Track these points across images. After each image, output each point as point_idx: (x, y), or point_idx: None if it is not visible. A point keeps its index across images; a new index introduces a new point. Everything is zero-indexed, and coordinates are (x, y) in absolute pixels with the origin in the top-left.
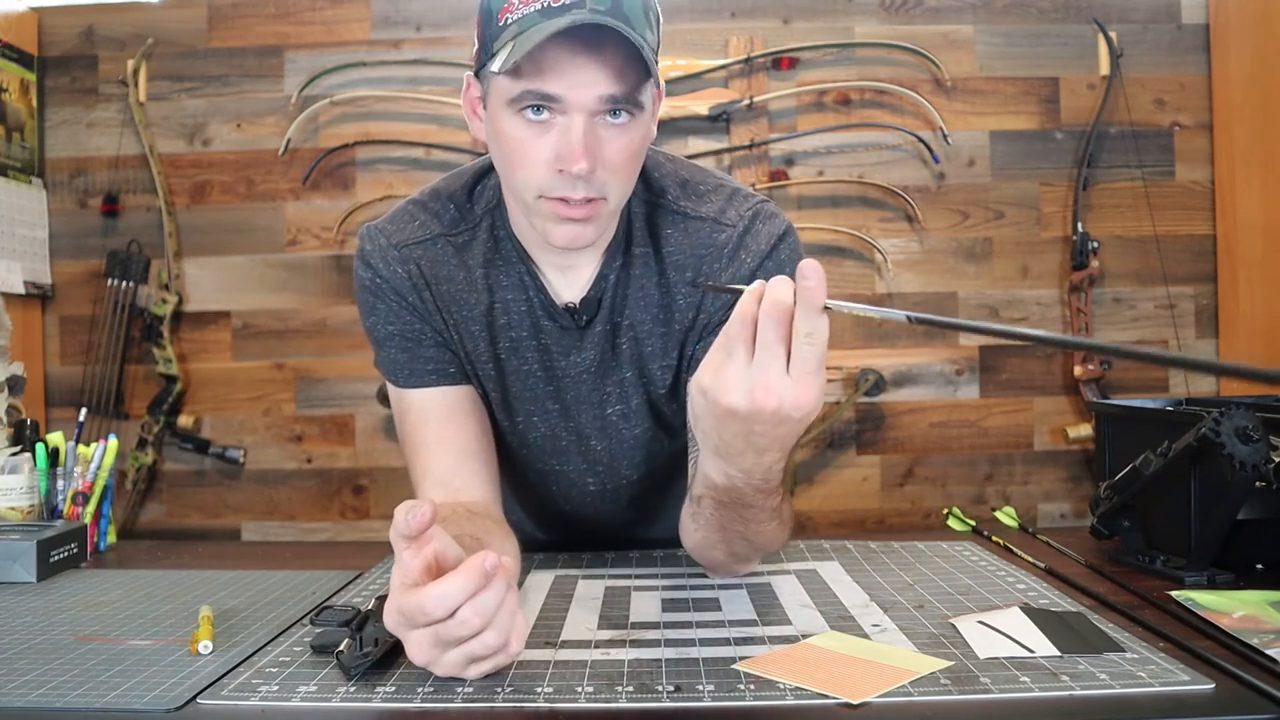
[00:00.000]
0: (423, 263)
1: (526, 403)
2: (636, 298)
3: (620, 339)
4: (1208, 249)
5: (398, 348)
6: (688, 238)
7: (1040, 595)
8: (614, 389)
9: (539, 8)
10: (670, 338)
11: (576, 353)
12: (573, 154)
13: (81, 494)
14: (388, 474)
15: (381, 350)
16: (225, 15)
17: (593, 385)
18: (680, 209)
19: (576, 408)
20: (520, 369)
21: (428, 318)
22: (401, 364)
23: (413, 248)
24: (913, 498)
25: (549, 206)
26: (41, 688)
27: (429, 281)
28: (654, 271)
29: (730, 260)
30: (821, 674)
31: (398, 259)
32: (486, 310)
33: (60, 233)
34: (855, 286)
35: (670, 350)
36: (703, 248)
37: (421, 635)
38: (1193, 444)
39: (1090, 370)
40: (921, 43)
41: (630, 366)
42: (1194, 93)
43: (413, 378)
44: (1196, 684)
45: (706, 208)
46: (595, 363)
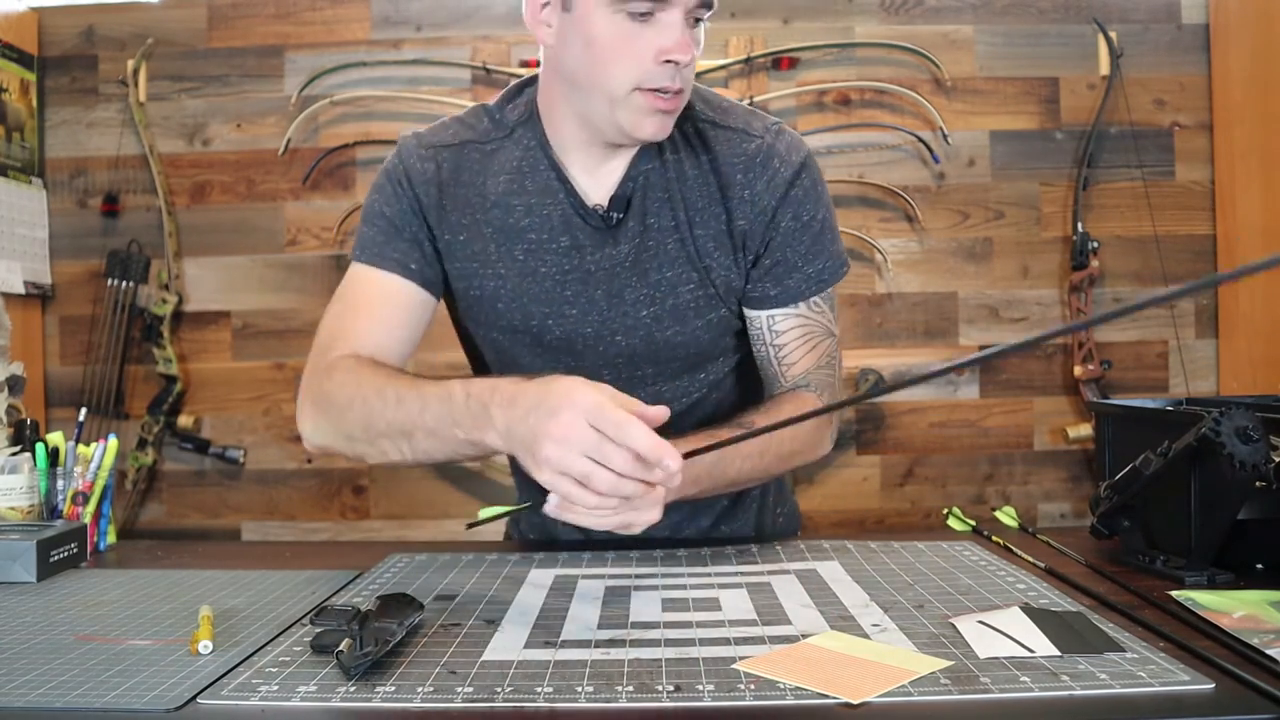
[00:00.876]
0: (445, 165)
1: (543, 304)
2: (681, 198)
3: (658, 239)
4: (1208, 249)
5: (380, 230)
6: (725, 145)
7: (1040, 595)
8: (648, 290)
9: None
10: (723, 239)
11: (611, 246)
12: (681, 45)
13: (81, 494)
14: (388, 474)
15: (365, 227)
16: (225, 15)
17: (625, 282)
18: (709, 118)
19: (606, 303)
20: (539, 270)
21: (424, 215)
22: (373, 244)
23: (440, 149)
24: (913, 498)
25: (644, 99)
26: (41, 688)
27: (444, 184)
28: (706, 172)
29: (764, 168)
30: (821, 674)
31: (423, 155)
32: (505, 213)
33: (60, 233)
34: (855, 287)
35: (725, 251)
36: (735, 156)
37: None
38: (1193, 444)
39: (1090, 370)
40: (921, 43)
41: (671, 267)
42: (1194, 93)
43: (375, 258)
44: (1196, 684)
45: (732, 120)
46: (630, 259)
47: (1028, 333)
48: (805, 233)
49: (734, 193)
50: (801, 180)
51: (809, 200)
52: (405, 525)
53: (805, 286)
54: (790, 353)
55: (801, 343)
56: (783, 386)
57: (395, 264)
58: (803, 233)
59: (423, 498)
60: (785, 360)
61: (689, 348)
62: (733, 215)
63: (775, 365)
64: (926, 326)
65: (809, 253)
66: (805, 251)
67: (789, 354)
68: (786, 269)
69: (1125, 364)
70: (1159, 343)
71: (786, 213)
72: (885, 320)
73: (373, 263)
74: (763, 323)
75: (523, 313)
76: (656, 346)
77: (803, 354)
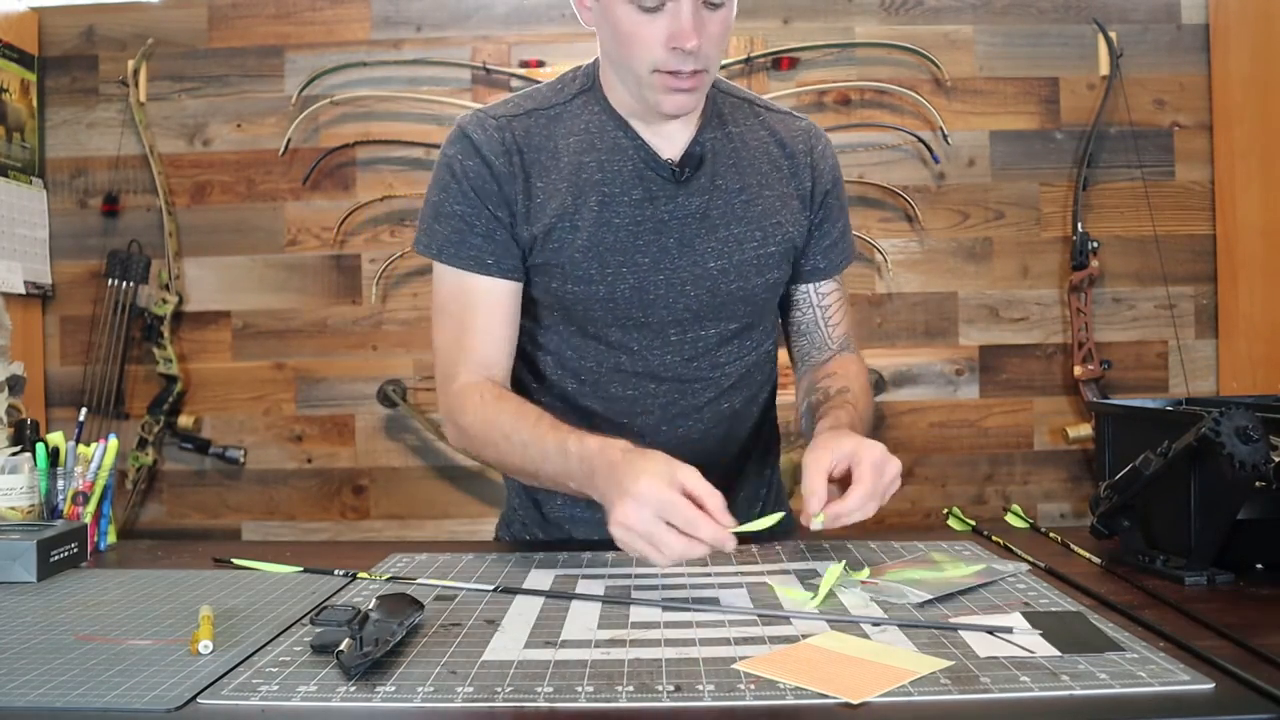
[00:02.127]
0: (517, 132)
1: (618, 254)
2: (748, 161)
3: (726, 198)
4: (1207, 249)
5: (454, 229)
6: (781, 123)
7: (1040, 595)
8: (716, 244)
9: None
10: (789, 199)
11: (684, 198)
12: (685, 34)
13: (82, 494)
14: (388, 474)
15: (436, 224)
16: (225, 15)
17: (696, 231)
18: (762, 103)
19: (678, 252)
20: (612, 221)
21: (500, 191)
22: (450, 243)
23: (507, 119)
24: (913, 498)
25: (661, 80)
26: (41, 688)
27: (521, 149)
28: (768, 143)
29: (818, 140)
30: (821, 674)
31: (495, 126)
32: (576, 170)
33: (60, 233)
34: (856, 287)
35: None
36: (790, 131)
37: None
38: (1193, 444)
39: (1090, 370)
40: (921, 43)
41: (738, 224)
42: (1194, 93)
43: (456, 259)
44: (1196, 684)
45: (777, 106)
46: (700, 212)
47: (1028, 332)
48: (842, 213)
49: (799, 159)
50: (837, 169)
51: (841, 187)
52: (405, 525)
53: (843, 260)
54: (833, 315)
55: (839, 307)
56: (829, 348)
57: (476, 263)
58: (841, 212)
59: (423, 498)
60: (830, 322)
61: (749, 304)
62: (800, 177)
63: (822, 329)
64: (926, 326)
65: (843, 228)
66: (841, 226)
67: (832, 316)
68: (833, 243)
69: (1125, 364)
70: (1159, 343)
71: (837, 188)
72: (885, 320)
73: (455, 264)
74: (810, 292)
75: (599, 262)
76: (720, 300)
77: (841, 316)
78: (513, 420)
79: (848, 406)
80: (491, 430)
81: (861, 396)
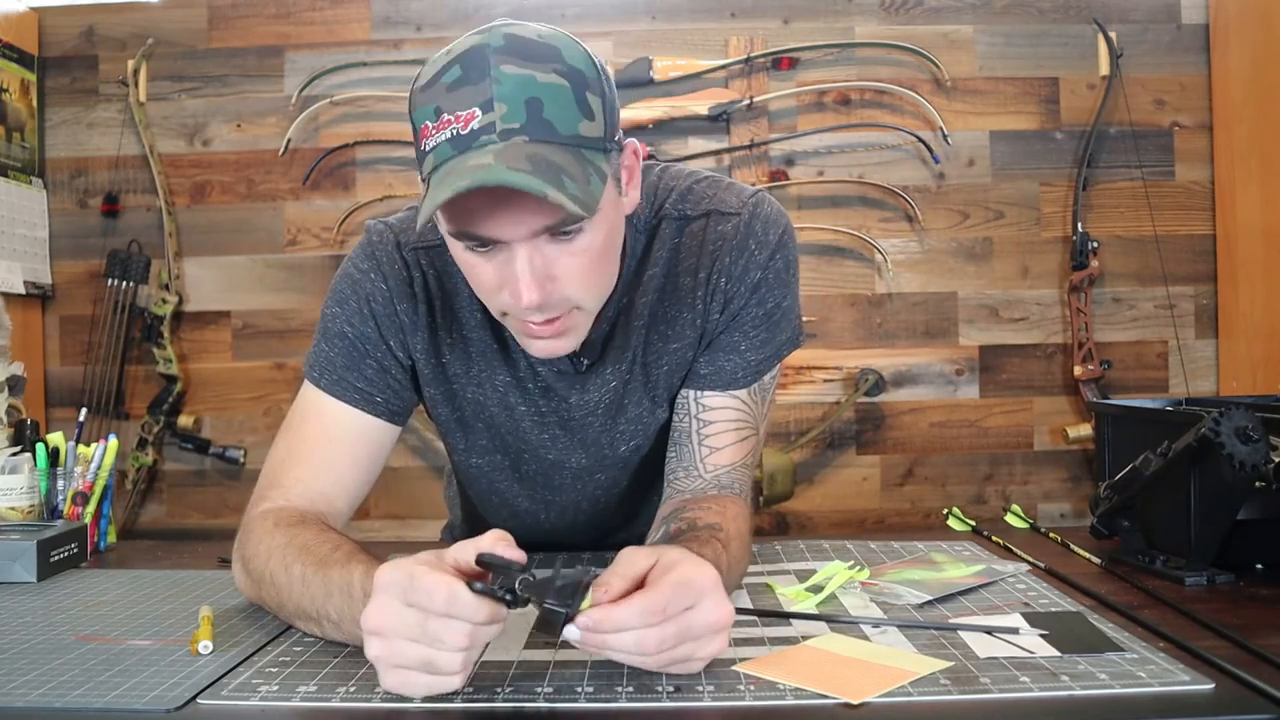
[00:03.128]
0: (430, 272)
1: (521, 440)
2: (659, 316)
3: (634, 375)
4: (1208, 249)
5: (340, 352)
6: (696, 239)
7: (1040, 595)
8: (628, 425)
9: (449, 136)
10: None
11: (581, 393)
12: (517, 291)
13: (81, 494)
14: (388, 474)
15: (323, 343)
16: (225, 15)
17: (603, 426)
18: (682, 213)
19: (583, 450)
20: (517, 408)
21: (403, 336)
22: (331, 368)
23: (422, 252)
24: (913, 498)
25: (516, 325)
26: (41, 688)
27: (432, 295)
28: (679, 275)
29: (740, 251)
30: (821, 674)
31: (404, 263)
32: (491, 336)
33: (60, 233)
34: (855, 287)
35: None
36: (711, 243)
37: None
38: (1193, 444)
39: (1090, 370)
40: (921, 43)
41: (647, 397)
42: (1194, 93)
43: (334, 386)
44: (1196, 684)
45: (706, 203)
46: (605, 403)
47: (1028, 332)
48: (763, 321)
49: (712, 284)
50: (775, 262)
51: (777, 285)
52: (405, 525)
53: (741, 374)
54: (716, 437)
55: (732, 430)
56: (699, 475)
57: (357, 396)
58: (760, 321)
59: (423, 498)
60: (709, 443)
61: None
62: (709, 312)
63: (695, 446)
64: (926, 326)
65: (758, 341)
66: (755, 338)
67: (716, 439)
68: (727, 351)
69: (1125, 364)
70: (1159, 343)
71: (753, 299)
72: (885, 320)
73: (332, 392)
74: (689, 399)
75: (501, 443)
76: (636, 474)
77: (729, 442)
78: (297, 552)
79: (714, 544)
80: (270, 561)
81: (735, 541)
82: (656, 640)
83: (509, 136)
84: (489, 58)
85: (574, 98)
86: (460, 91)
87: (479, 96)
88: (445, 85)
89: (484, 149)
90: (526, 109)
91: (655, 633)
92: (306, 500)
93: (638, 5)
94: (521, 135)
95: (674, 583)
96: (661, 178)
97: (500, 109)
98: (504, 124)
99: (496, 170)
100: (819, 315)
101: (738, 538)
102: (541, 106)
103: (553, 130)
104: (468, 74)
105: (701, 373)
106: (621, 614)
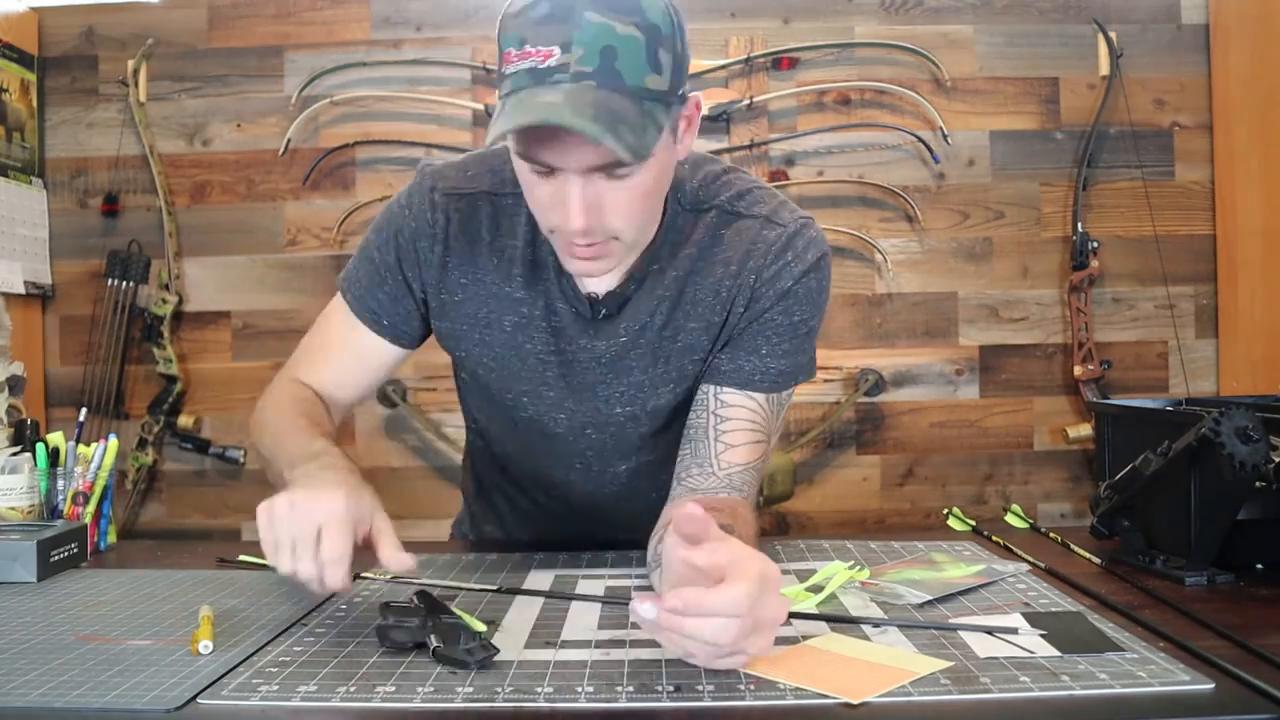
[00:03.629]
0: (454, 217)
1: (522, 381)
2: (690, 293)
3: (647, 340)
4: (1207, 249)
5: (366, 275)
6: (740, 236)
7: (1040, 595)
8: (625, 389)
9: (529, 67)
10: (708, 334)
11: (589, 339)
12: (567, 215)
13: (81, 494)
14: (388, 474)
15: (359, 259)
16: (225, 15)
17: (600, 377)
18: (735, 209)
19: (581, 395)
20: (524, 346)
21: (420, 271)
22: (357, 285)
23: (453, 198)
24: (913, 498)
25: (560, 242)
26: (41, 688)
27: (451, 238)
28: (715, 264)
29: (777, 257)
30: (821, 674)
31: (431, 204)
32: (504, 280)
33: (60, 233)
34: (855, 287)
35: (705, 346)
36: (751, 243)
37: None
38: (1193, 444)
39: (1090, 370)
40: (921, 43)
41: (654, 367)
42: (1194, 93)
43: (355, 302)
44: (1196, 684)
45: (759, 209)
46: (609, 356)
47: (1028, 332)
48: (787, 331)
49: (741, 280)
50: (808, 279)
51: (807, 302)
52: (405, 525)
53: (759, 377)
54: (733, 434)
55: (748, 430)
56: (713, 473)
57: (369, 316)
58: (784, 330)
59: (423, 498)
60: (725, 439)
61: (668, 444)
62: (733, 307)
63: (711, 441)
64: (926, 326)
65: (782, 349)
66: (779, 346)
67: (731, 435)
68: (748, 351)
69: (1125, 364)
70: (1159, 343)
71: (780, 305)
72: (885, 320)
73: (351, 306)
74: (708, 394)
75: (500, 385)
76: (630, 443)
77: (744, 441)
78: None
79: None
80: (267, 411)
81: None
82: (736, 633)
83: (580, 79)
84: (575, 3)
85: (646, 52)
86: (545, 28)
87: (561, 36)
88: (533, 19)
89: (556, 86)
90: (601, 56)
91: (736, 625)
92: (318, 386)
93: None
94: (591, 80)
95: (756, 577)
96: (726, 174)
97: (578, 52)
98: (578, 66)
99: (562, 111)
100: None
101: (749, 541)
102: (615, 56)
103: (621, 80)
104: (555, 12)
105: (723, 369)
106: (715, 601)
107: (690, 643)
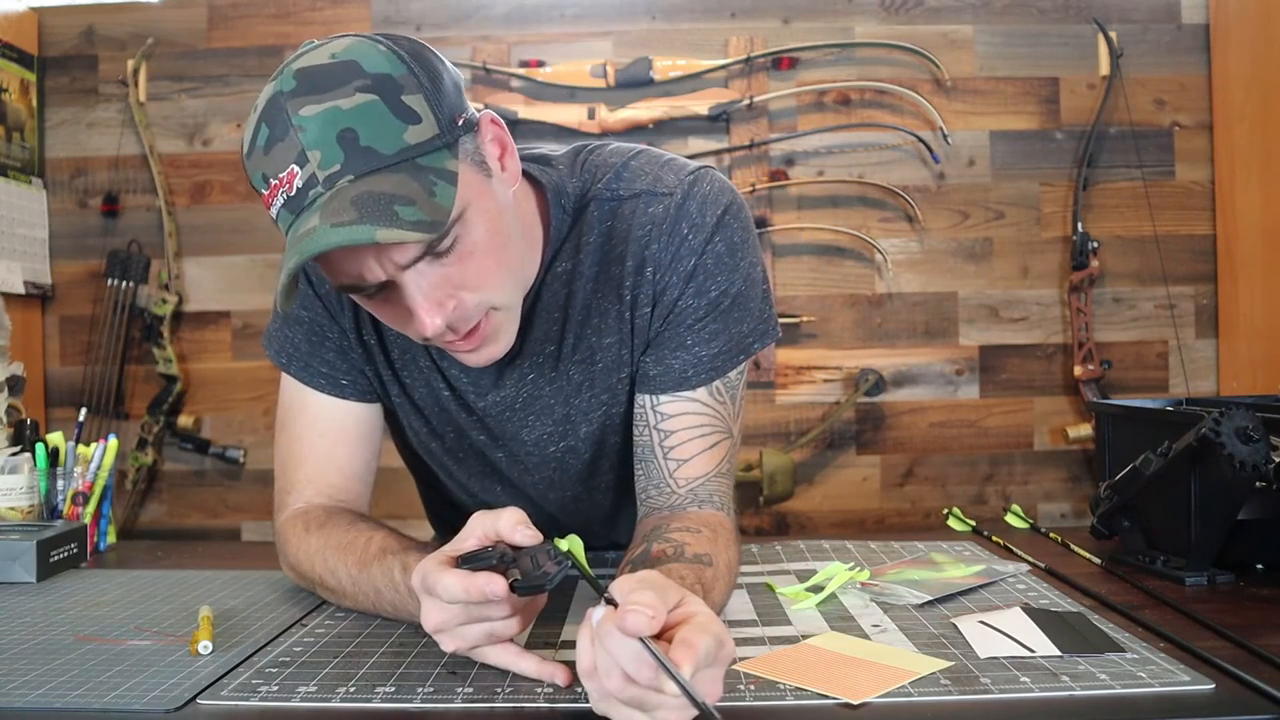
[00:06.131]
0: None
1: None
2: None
3: (556, 367)
4: (1208, 249)
5: (302, 338)
6: (626, 223)
7: (1041, 595)
8: (552, 428)
9: (283, 201)
10: (626, 338)
11: (495, 392)
12: (421, 323)
13: (81, 494)
14: (388, 474)
15: (285, 327)
16: (225, 15)
17: (522, 422)
18: (614, 192)
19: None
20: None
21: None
22: (298, 354)
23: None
24: (913, 498)
25: (442, 345)
26: (41, 688)
27: None
28: (609, 262)
29: (670, 236)
30: (822, 674)
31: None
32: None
33: (60, 233)
34: (855, 287)
35: (626, 358)
36: (640, 228)
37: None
38: (1193, 444)
39: (1090, 370)
40: (921, 43)
41: (577, 395)
42: (1194, 93)
43: (305, 374)
44: (1196, 684)
45: (640, 183)
46: (520, 402)
47: (1028, 332)
48: (708, 312)
49: (641, 275)
50: (713, 245)
51: (719, 271)
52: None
53: (693, 372)
54: (681, 447)
55: (698, 439)
56: (673, 491)
57: (325, 383)
58: (705, 312)
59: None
60: (674, 455)
61: (612, 464)
62: (637, 304)
63: (660, 460)
64: (926, 326)
65: (707, 334)
66: (704, 331)
67: (681, 449)
68: (673, 348)
69: (1125, 364)
70: (1159, 343)
71: (689, 288)
72: (885, 320)
73: (302, 379)
74: (645, 406)
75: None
76: (578, 472)
77: (697, 451)
78: (337, 551)
79: (699, 586)
80: (315, 566)
81: (724, 577)
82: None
83: (333, 183)
84: (285, 107)
85: (388, 109)
86: (274, 152)
87: (292, 151)
88: (261, 149)
89: (313, 207)
90: (341, 145)
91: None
92: (324, 496)
93: (638, 5)
94: (345, 176)
95: (716, 635)
96: (593, 156)
97: (315, 157)
98: (324, 171)
99: (321, 233)
100: (819, 315)
101: (726, 572)
102: (356, 136)
103: (375, 155)
104: (274, 130)
105: (650, 374)
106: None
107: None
